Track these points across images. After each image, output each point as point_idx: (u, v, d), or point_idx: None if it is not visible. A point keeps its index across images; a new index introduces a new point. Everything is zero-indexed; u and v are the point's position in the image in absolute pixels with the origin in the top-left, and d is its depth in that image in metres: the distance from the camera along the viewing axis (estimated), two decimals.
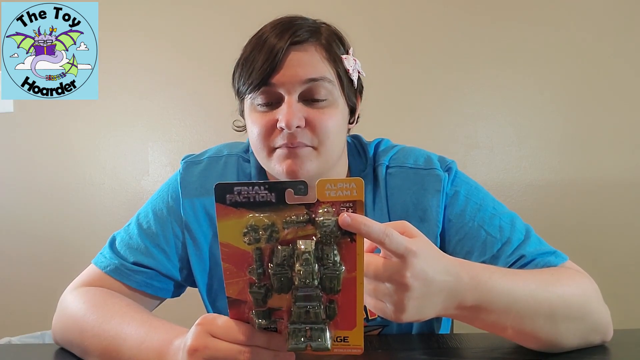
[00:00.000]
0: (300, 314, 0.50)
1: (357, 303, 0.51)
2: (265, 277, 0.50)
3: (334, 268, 0.49)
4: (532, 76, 1.76)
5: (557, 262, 0.74)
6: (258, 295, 0.50)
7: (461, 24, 1.78)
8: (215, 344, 0.53)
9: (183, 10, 1.87)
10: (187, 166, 0.88)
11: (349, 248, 0.49)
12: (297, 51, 0.75)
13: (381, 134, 0.93)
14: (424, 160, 0.84)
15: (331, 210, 0.48)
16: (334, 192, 0.47)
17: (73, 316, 0.75)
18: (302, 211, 0.48)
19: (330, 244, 0.48)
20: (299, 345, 0.51)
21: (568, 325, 0.67)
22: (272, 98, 0.76)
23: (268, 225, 0.48)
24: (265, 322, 0.52)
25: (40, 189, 1.92)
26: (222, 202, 0.48)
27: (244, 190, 0.47)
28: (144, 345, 0.64)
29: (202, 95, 1.87)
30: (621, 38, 1.73)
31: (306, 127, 0.75)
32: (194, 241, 0.84)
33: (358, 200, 0.47)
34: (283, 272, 0.49)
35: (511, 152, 1.78)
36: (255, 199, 0.48)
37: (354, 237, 0.48)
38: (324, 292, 0.50)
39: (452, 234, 0.80)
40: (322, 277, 0.49)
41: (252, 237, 0.48)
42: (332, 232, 0.48)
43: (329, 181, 0.47)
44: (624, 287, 1.67)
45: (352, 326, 0.52)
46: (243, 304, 0.52)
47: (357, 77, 0.81)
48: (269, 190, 0.47)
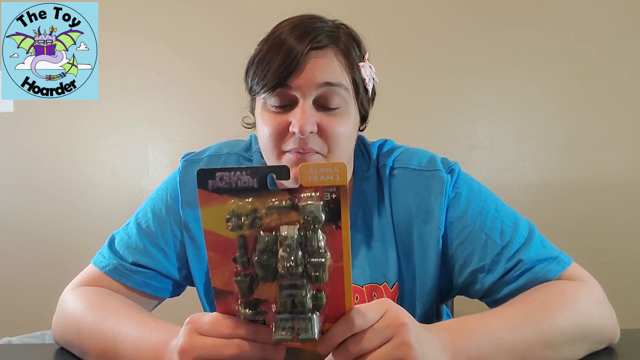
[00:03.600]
0: (286, 303, 0.48)
1: (345, 293, 0.49)
2: (250, 266, 0.48)
3: (319, 254, 0.47)
4: (532, 76, 1.76)
5: (558, 270, 0.73)
6: (243, 284, 0.49)
7: (462, 25, 1.78)
8: (201, 342, 0.53)
9: (183, 10, 1.87)
10: (187, 165, 0.88)
11: (335, 235, 0.47)
12: (316, 57, 0.74)
13: (381, 133, 0.93)
14: (427, 162, 0.83)
15: (314, 195, 0.46)
16: (317, 177, 0.46)
17: (71, 316, 0.75)
18: (285, 196, 0.46)
19: (315, 229, 0.47)
20: (285, 336, 0.48)
21: (570, 348, 0.66)
22: (286, 100, 0.75)
23: (250, 210, 0.46)
24: (251, 311, 0.50)
25: (40, 189, 1.92)
26: (205, 188, 0.46)
27: (226, 175, 0.46)
28: (142, 345, 0.64)
29: (202, 95, 1.87)
30: (621, 38, 1.73)
31: (318, 133, 0.74)
32: (192, 241, 0.84)
33: (341, 185, 0.46)
34: (266, 259, 0.47)
35: (511, 152, 1.78)
36: (237, 185, 0.46)
37: (339, 223, 0.47)
38: (310, 281, 0.48)
39: (453, 236, 0.79)
40: (306, 264, 0.47)
41: (235, 224, 0.47)
42: (315, 218, 0.46)
43: (312, 166, 0.46)
44: (624, 287, 1.66)
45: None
46: (230, 295, 0.51)
47: (372, 85, 0.81)
48: (251, 176, 0.46)
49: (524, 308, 0.67)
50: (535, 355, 0.63)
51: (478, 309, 0.75)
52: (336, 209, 0.47)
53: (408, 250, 0.81)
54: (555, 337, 0.64)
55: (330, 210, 0.47)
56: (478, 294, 0.79)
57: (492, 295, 0.77)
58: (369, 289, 0.81)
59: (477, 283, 0.77)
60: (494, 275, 0.75)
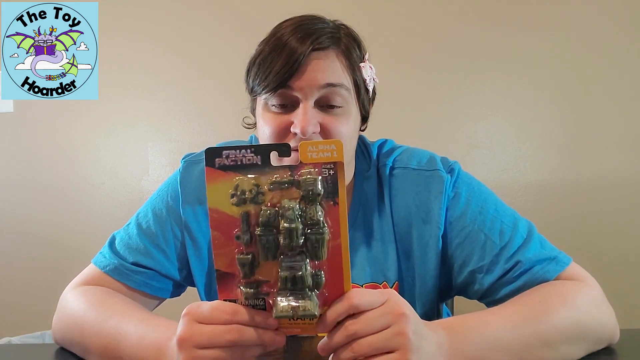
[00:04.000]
0: (287, 279, 0.50)
1: (344, 275, 0.51)
2: (252, 245, 0.51)
3: (318, 227, 0.50)
4: (532, 76, 1.76)
5: (557, 271, 0.73)
6: (245, 261, 0.51)
7: (462, 25, 1.78)
8: (200, 329, 0.52)
9: (183, 10, 1.86)
10: (187, 165, 0.88)
11: (332, 211, 0.50)
12: (317, 58, 0.74)
13: (382, 133, 0.93)
14: (427, 161, 0.83)
15: (313, 171, 0.50)
16: (316, 154, 0.50)
17: (73, 315, 0.75)
18: (287, 172, 0.50)
19: (314, 202, 0.50)
20: (285, 313, 0.50)
21: (569, 347, 0.66)
22: (288, 100, 0.75)
23: (254, 185, 0.50)
24: (253, 290, 0.51)
25: (40, 189, 1.92)
26: (212, 165, 0.50)
27: (232, 153, 0.50)
28: (144, 342, 0.64)
29: (202, 95, 1.87)
30: (621, 39, 1.73)
31: (320, 132, 0.75)
32: (193, 241, 0.84)
33: (338, 161, 0.50)
34: (269, 233, 0.50)
35: (511, 152, 1.78)
36: (242, 162, 0.50)
37: (336, 199, 0.50)
38: (310, 257, 0.50)
39: (452, 236, 0.80)
40: (306, 237, 0.50)
41: (239, 198, 0.50)
42: (314, 192, 0.49)
43: (311, 143, 0.50)
44: (624, 287, 1.66)
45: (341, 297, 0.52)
46: (232, 278, 0.52)
47: (372, 86, 0.82)
48: (254, 153, 0.50)
49: (523, 308, 0.67)
50: (533, 354, 0.63)
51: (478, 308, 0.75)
52: (334, 185, 0.50)
53: (408, 250, 0.81)
54: (553, 336, 0.64)
55: (327, 186, 0.50)
56: (477, 295, 0.79)
57: (491, 295, 0.77)
58: (368, 288, 0.81)
59: (476, 283, 0.77)
60: (493, 276, 0.75)
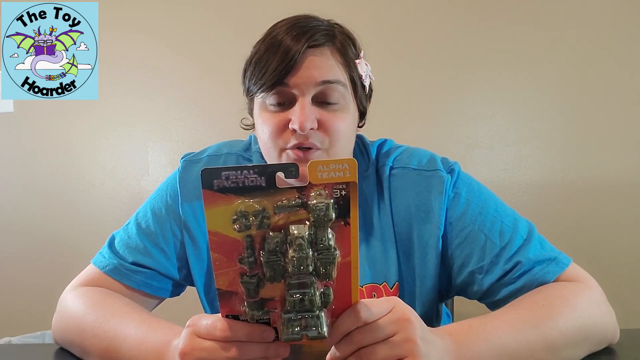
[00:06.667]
0: (295, 302, 0.48)
1: (352, 288, 0.49)
2: (257, 266, 0.47)
3: (329, 253, 0.46)
4: (532, 76, 1.76)
5: (557, 272, 0.73)
6: (250, 285, 0.48)
7: (462, 24, 1.78)
8: (201, 345, 0.53)
9: (183, 10, 1.87)
10: (187, 165, 0.88)
11: (343, 232, 0.47)
12: (313, 55, 0.75)
13: (381, 133, 0.93)
14: (427, 162, 0.83)
15: (324, 192, 0.45)
16: (327, 174, 0.45)
17: (72, 316, 0.75)
18: (294, 195, 0.45)
19: (324, 227, 0.46)
20: (294, 335, 0.48)
21: (572, 350, 0.66)
22: (285, 98, 0.76)
23: (258, 211, 0.45)
24: (258, 313, 0.50)
25: (40, 189, 1.92)
26: (210, 188, 0.45)
27: (232, 174, 0.44)
28: (143, 345, 0.64)
29: (202, 95, 1.87)
30: (621, 38, 1.73)
31: (318, 128, 0.75)
32: (192, 241, 0.84)
33: (351, 181, 0.45)
34: (276, 259, 0.46)
35: (511, 152, 1.78)
36: (244, 184, 0.45)
37: (348, 220, 0.46)
38: (319, 278, 0.47)
39: (452, 236, 0.79)
40: (316, 262, 0.47)
41: (242, 224, 0.45)
42: (325, 216, 0.45)
43: (321, 162, 0.45)
44: (624, 287, 1.66)
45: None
46: (234, 296, 0.50)
47: (369, 82, 0.82)
48: (258, 174, 0.44)
49: (526, 311, 0.67)
50: (537, 358, 0.63)
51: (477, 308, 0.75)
52: (345, 206, 0.46)
53: (408, 250, 0.81)
54: (557, 340, 0.64)
55: (339, 207, 0.46)
56: (477, 295, 0.79)
57: (491, 296, 0.77)
58: (369, 289, 0.81)
59: (475, 284, 0.77)
60: (493, 277, 0.75)
